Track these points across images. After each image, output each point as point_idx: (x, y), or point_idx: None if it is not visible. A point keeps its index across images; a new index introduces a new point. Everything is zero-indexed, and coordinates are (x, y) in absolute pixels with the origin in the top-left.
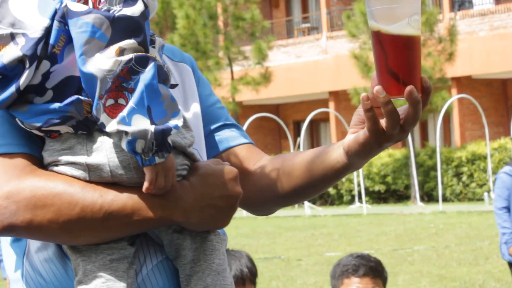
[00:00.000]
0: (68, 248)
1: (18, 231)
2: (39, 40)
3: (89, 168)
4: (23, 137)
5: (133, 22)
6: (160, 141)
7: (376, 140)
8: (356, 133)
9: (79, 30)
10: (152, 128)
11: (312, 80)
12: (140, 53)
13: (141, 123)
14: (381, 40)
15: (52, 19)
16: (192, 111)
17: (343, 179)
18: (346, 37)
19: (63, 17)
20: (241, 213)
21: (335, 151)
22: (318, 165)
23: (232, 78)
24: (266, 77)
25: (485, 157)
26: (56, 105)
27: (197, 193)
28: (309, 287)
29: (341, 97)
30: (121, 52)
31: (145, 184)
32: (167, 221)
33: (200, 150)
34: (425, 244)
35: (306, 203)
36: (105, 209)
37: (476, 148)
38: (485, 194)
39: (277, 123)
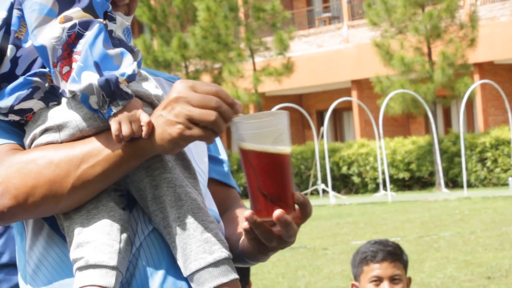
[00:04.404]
0: (62, 218)
1: (13, 210)
2: None
3: (58, 128)
4: (5, 132)
5: None
6: (109, 91)
7: (259, 251)
8: (243, 239)
9: (29, 11)
10: (95, 80)
11: (334, 69)
12: (84, 18)
13: (89, 78)
14: (250, 160)
15: (10, 11)
16: None
17: (367, 168)
18: (367, 25)
19: (20, 4)
20: None
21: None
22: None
23: (254, 69)
24: (288, 68)
25: (509, 142)
26: (21, 79)
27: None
28: (335, 276)
29: (363, 86)
30: (66, 20)
31: (113, 136)
32: (136, 149)
33: (202, 171)
34: (450, 230)
35: (331, 192)
36: (77, 157)
37: (500, 133)
38: (510, 179)
39: (300, 113)
